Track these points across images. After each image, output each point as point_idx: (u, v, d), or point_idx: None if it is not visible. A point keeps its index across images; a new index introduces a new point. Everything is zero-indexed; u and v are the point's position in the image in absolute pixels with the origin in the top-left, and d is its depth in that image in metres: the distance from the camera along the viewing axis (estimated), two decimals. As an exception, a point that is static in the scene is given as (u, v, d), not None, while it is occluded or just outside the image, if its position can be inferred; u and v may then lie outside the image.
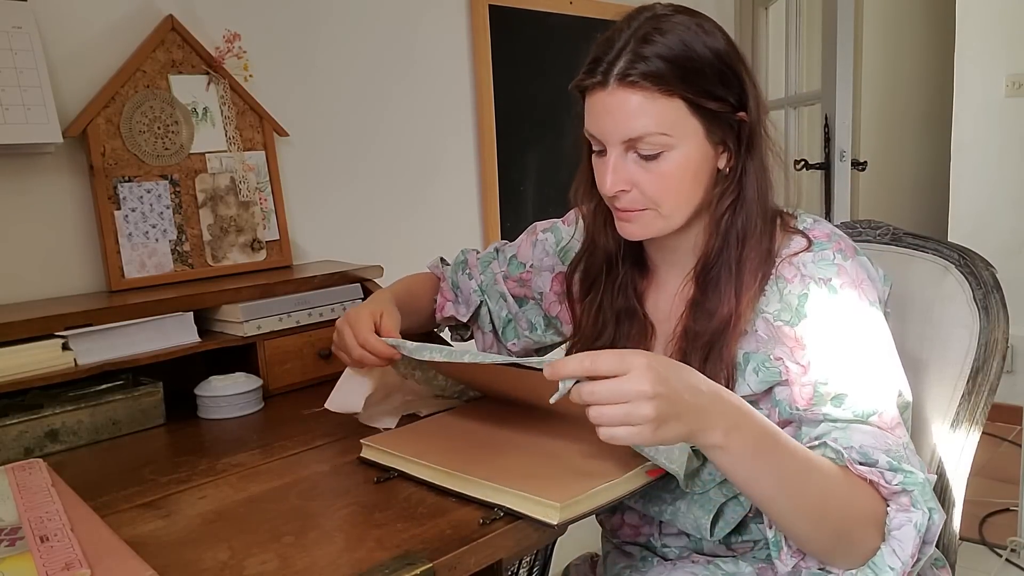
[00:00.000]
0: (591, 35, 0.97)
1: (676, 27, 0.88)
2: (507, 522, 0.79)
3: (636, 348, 0.96)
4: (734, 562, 0.98)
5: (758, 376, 0.91)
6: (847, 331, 0.87)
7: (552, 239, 1.18)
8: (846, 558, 0.80)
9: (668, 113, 0.87)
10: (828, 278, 0.89)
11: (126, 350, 1.17)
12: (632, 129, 0.87)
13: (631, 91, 0.87)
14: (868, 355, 0.87)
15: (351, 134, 1.75)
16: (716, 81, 0.88)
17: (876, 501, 0.80)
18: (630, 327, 1.02)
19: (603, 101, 0.89)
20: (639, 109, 0.87)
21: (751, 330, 0.93)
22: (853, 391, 0.86)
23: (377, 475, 0.92)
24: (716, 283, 0.93)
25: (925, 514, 0.78)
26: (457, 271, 1.26)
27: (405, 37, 1.82)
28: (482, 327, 1.24)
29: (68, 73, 1.33)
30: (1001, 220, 3.35)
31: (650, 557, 1.06)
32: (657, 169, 0.89)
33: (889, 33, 3.97)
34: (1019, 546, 2.35)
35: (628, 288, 1.03)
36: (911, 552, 0.78)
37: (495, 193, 2.01)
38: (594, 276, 1.05)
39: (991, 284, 1.10)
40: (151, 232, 1.39)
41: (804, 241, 0.93)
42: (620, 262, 1.03)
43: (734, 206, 0.93)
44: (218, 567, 0.74)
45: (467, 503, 0.84)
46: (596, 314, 1.04)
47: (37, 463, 0.92)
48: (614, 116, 0.88)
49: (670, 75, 0.86)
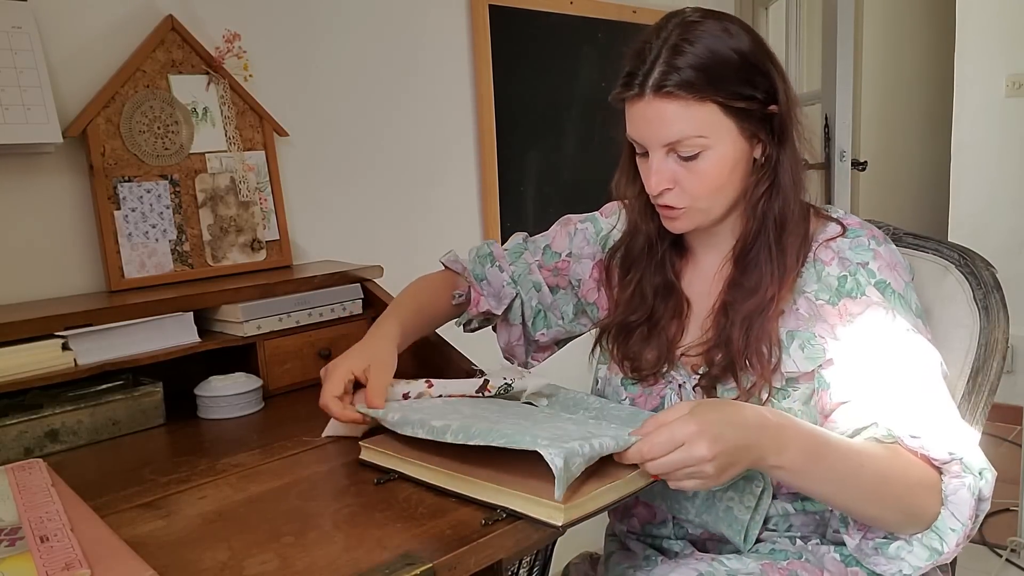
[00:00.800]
0: (591, 35, 0.99)
1: (703, 35, 0.93)
2: (508, 523, 0.79)
3: (672, 322, 1.06)
4: (738, 559, 0.98)
5: (803, 353, 0.97)
6: (887, 310, 0.94)
7: (592, 229, 1.21)
8: (913, 526, 0.89)
9: (703, 117, 0.93)
10: (865, 262, 0.96)
11: (126, 350, 1.17)
12: (670, 135, 0.94)
13: (666, 101, 0.93)
14: (909, 330, 0.93)
15: (351, 134, 1.75)
16: (744, 81, 0.94)
17: (930, 472, 0.89)
18: (666, 301, 1.08)
19: (642, 111, 0.95)
20: (675, 116, 0.93)
21: (791, 308, 0.98)
22: (900, 366, 0.92)
23: (377, 476, 0.92)
24: (756, 263, 0.99)
25: (977, 478, 0.87)
26: (484, 264, 1.24)
27: (405, 37, 1.82)
28: (511, 320, 1.24)
29: (68, 73, 1.33)
30: (1001, 220, 3.35)
31: (654, 556, 1.06)
32: (696, 168, 0.95)
33: (889, 33, 3.97)
34: (1019, 546, 2.35)
35: (666, 266, 1.09)
36: (968, 514, 0.87)
37: (495, 193, 2.01)
38: (634, 257, 1.10)
39: (991, 284, 1.10)
40: (151, 232, 1.39)
41: (838, 227, 1.00)
42: (659, 244, 1.08)
43: (770, 192, 0.98)
44: (218, 567, 0.74)
45: (468, 504, 0.83)
46: (634, 291, 1.09)
47: (37, 463, 0.92)
48: (653, 124, 0.95)
49: (701, 82, 0.92)
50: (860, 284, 0.95)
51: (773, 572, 0.95)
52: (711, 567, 0.96)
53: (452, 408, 0.98)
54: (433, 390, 1.07)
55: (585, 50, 2.17)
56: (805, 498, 1.01)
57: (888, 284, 0.95)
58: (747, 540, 0.99)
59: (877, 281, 0.95)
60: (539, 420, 0.93)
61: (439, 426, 0.87)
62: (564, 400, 1.08)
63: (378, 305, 1.43)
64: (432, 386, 1.08)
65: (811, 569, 0.96)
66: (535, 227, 1.31)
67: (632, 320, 1.08)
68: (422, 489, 0.88)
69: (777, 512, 1.02)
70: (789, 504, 1.02)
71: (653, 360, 1.06)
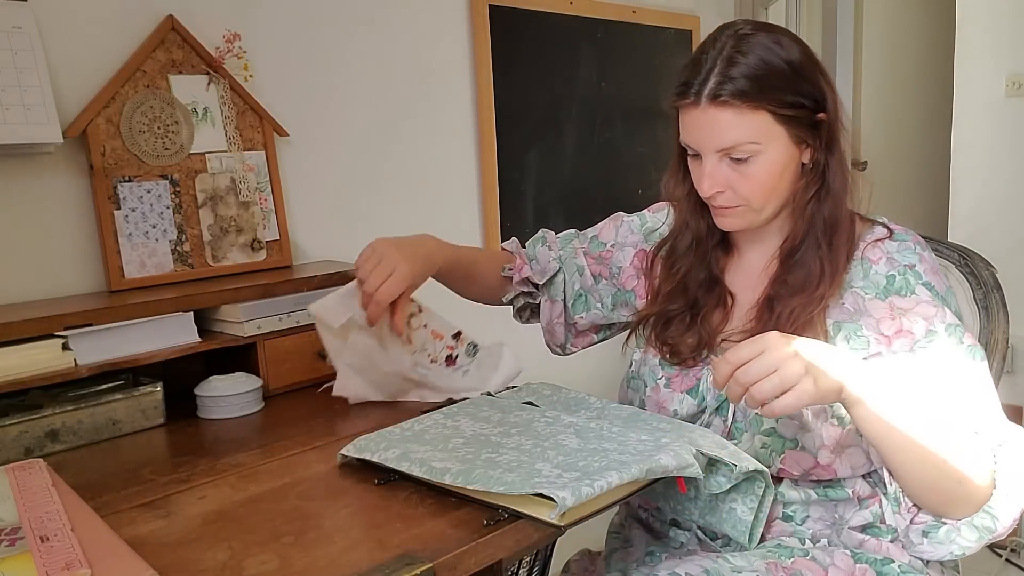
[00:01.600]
0: (591, 35, 1.00)
1: (756, 47, 0.98)
2: (509, 522, 0.79)
3: (715, 311, 1.11)
4: (743, 555, 0.98)
5: (848, 344, 1.00)
6: (937, 307, 0.98)
7: (638, 221, 1.26)
8: (965, 507, 0.90)
9: (756, 124, 0.98)
10: (912, 264, 1.01)
11: (126, 350, 1.17)
12: (725, 140, 0.99)
13: (722, 109, 0.97)
14: (959, 325, 0.97)
15: (351, 134, 1.75)
16: (794, 90, 0.99)
17: (984, 452, 0.91)
18: (709, 295, 1.11)
19: (697, 118, 1.00)
20: (729, 124, 0.98)
21: (837, 303, 1.02)
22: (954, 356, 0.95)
23: (378, 477, 0.92)
24: (803, 263, 1.04)
25: None
26: (536, 244, 1.30)
27: (405, 37, 1.82)
28: (553, 296, 1.27)
29: (68, 73, 1.33)
30: (1001, 220, 3.34)
31: (656, 552, 1.06)
32: (748, 171, 1.00)
33: (889, 33, 3.97)
34: (1019, 546, 2.35)
35: (711, 262, 1.13)
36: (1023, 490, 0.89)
37: (495, 193, 2.01)
38: (680, 253, 1.15)
39: (991, 284, 1.10)
40: (151, 232, 1.39)
41: (884, 231, 1.05)
42: (707, 240, 1.13)
43: (818, 195, 1.03)
44: (218, 567, 0.74)
45: (468, 503, 0.83)
46: (678, 284, 1.13)
47: (37, 463, 0.92)
48: (708, 130, 0.99)
49: (754, 91, 0.97)
50: (910, 283, 1.00)
51: (777, 571, 0.94)
52: (715, 564, 0.96)
53: (453, 428, 0.98)
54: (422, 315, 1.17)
55: (585, 50, 2.17)
56: (828, 485, 1.02)
57: (933, 287, 0.99)
58: (751, 540, 0.99)
59: (924, 282, 0.99)
60: (541, 437, 0.92)
61: (439, 467, 0.86)
62: (565, 400, 1.08)
63: (378, 305, 1.43)
64: (423, 311, 1.18)
65: (816, 569, 0.96)
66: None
67: (672, 309, 1.12)
68: (423, 489, 0.88)
69: (799, 498, 1.02)
70: (813, 490, 1.02)
71: (693, 344, 1.09)
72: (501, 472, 0.82)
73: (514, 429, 0.96)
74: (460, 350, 1.22)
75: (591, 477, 0.79)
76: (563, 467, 0.82)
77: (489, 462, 0.86)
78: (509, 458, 0.86)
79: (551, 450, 0.88)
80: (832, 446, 0.99)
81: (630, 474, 0.80)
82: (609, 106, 2.23)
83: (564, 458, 0.85)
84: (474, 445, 0.92)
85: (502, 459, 0.86)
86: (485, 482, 0.81)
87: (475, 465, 0.85)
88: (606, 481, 0.78)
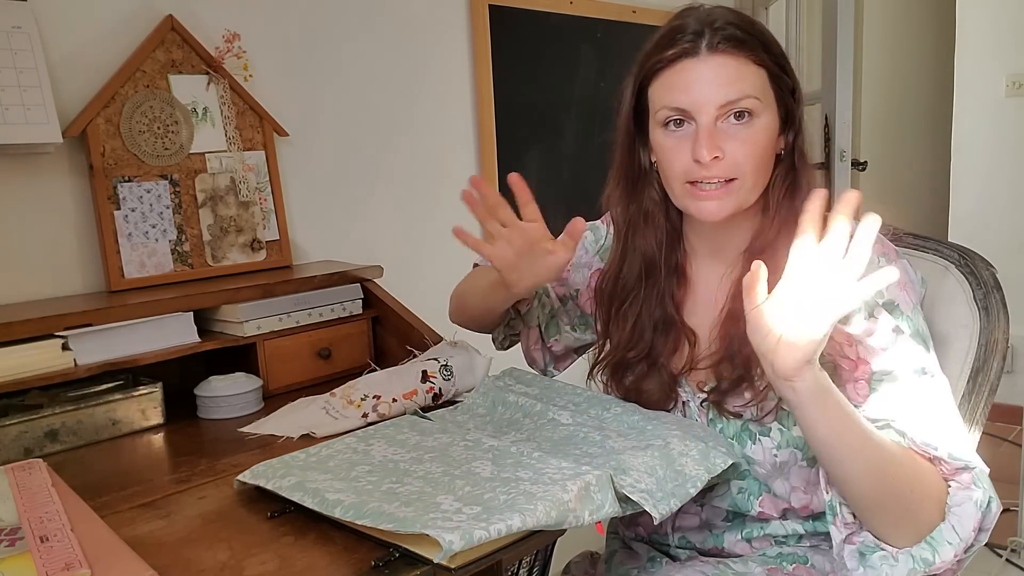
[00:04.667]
0: (591, 35, 0.98)
1: (735, 11, 0.94)
2: (401, 561, 0.73)
3: (676, 358, 1.01)
4: (743, 562, 0.98)
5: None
6: (896, 330, 0.89)
7: (591, 237, 1.17)
8: (908, 533, 0.83)
9: (758, 79, 0.92)
10: None
11: (126, 350, 1.17)
12: (730, 93, 0.90)
13: (727, 56, 0.90)
14: (918, 345, 0.89)
15: (351, 134, 1.75)
16: (783, 64, 0.94)
17: (938, 480, 0.84)
18: (667, 336, 1.03)
19: (696, 69, 0.91)
20: (737, 73, 0.90)
21: None
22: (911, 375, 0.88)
23: (271, 509, 0.84)
24: (774, 258, 0.94)
25: (986, 492, 0.82)
26: None
27: (405, 37, 1.82)
28: (528, 323, 1.20)
29: (68, 73, 1.33)
30: (1001, 220, 3.35)
31: (658, 558, 1.06)
32: (746, 133, 0.92)
33: (889, 33, 3.97)
34: (1019, 546, 2.35)
35: (666, 298, 1.03)
36: (971, 528, 0.81)
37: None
38: (631, 286, 1.05)
39: (991, 284, 1.10)
40: (151, 232, 1.39)
41: None
42: (661, 267, 1.03)
43: (791, 189, 0.96)
44: (218, 567, 0.74)
45: (366, 540, 0.77)
46: (633, 327, 1.04)
47: (37, 463, 0.92)
48: (712, 82, 0.91)
49: (755, 44, 0.91)
50: (867, 304, 0.89)
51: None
52: (717, 570, 0.96)
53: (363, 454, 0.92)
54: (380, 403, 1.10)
55: (585, 50, 2.17)
56: (816, 518, 1.00)
57: (896, 305, 0.91)
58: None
59: (886, 301, 0.90)
60: (454, 463, 0.87)
61: (332, 499, 0.79)
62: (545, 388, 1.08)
63: (378, 305, 1.43)
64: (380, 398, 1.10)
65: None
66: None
67: (631, 356, 1.04)
68: (319, 523, 0.81)
69: (787, 532, 1.00)
70: (799, 524, 1.00)
71: (657, 391, 1.02)
72: (397, 506, 0.76)
73: (428, 455, 0.90)
74: (438, 381, 1.18)
75: (490, 517, 0.73)
76: (465, 500, 0.77)
77: (388, 493, 0.80)
78: (411, 489, 0.81)
79: (460, 479, 0.82)
80: (803, 486, 0.97)
81: (534, 519, 0.73)
82: (609, 106, 2.22)
83: (471, 489, 0.80)
84: (378, 473, 0.86)
85: (403, 490, 0.81)
86: (375, 518, 0.74)
87: (372, 497, 0.79)
88: (505, 525, 0.71)
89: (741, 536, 1.01)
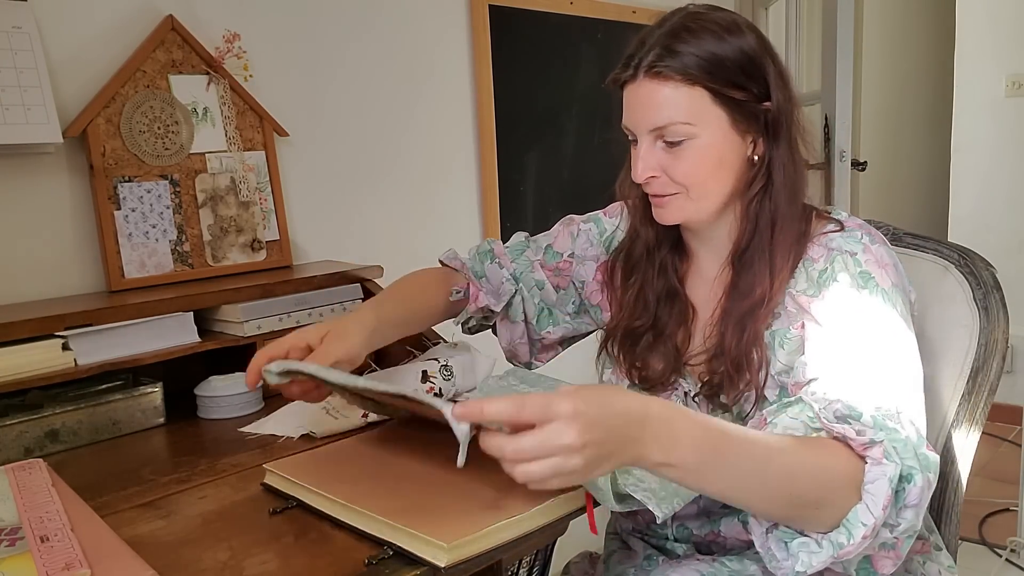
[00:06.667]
0: (591, 35, 0.99)
1: (707, 24, 0.94)
2: (401, 561, 0.73)
3: (679, 329, 1.04)
4: (739, 560, 0.98)
5: (784, 349, 0.95)
6: (859, 290, 0.90)
7: (595, 229, 1.20)
8: (825, 523, 0.78)
9: (691, 103, 0.92)
10: (854, 252, 0.93)
11: (126, 350, 1.17)
12: (658, 119, 0.94)
13: (656, 82, 0.93)
14: (881, 311, 0.89)
15: (351, 134, 1.75)
16: (741, 73, 0.93)
17: (852, 461, 0.78)
18: (670, 308, 1.06)
19: (634, 93, 0.96)
20: (664, 100, 0.93)
21: (784, 310, 0.96)
22: (840, 343, 0.88)
23: (273, 506, 0.86)
24: (750, 266, 0.97)
25: (897, 466, 0.76)
26: (484, 260, 1.21)
27: (405, 37, 1.82)
28: (512, 318, 1.20)
29: (68, 73, 1.33)
30: (1001, 220, 3.35)
31: (655, 556, 1.06)
32: (682, 155, 0.94)
33: (889, 33, 3.97)
34: (1019, 546, 2.35)
35: (669, 270, 1.07)
36: (883, 505, 0.76)
37: (495, 193, 2.01)
38: (635, 261, 1.09)
39: (991, 284, 1.10)
40: (151, 232, 1.39)
41: (837, 226, 0.98)
42: (659, 250, 1.07)
43: (763, 192, 0.97)
44: (218, 567, 0.74)
45: (363, 539, 0.78)
46: (637, 297, 1.08)
47: (37, 463, 0.92)
48: (643, 106, 0.95)
49: (694, 67, 0.91)
50: (835, 271, 0.92)
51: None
52: (712, 568, 0.96)
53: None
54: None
55: (585, 50, 2.17)
56: None
57: (872, 277, 0.90)
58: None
59: (861, 271, 0.91)
60: None
61: (353, 375, 0.84)
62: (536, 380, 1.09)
63: (378, 305, 1.43)
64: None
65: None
66: (535, 227, 1.31)
67: (637, 325, 1.07)
68: (316, 520, 0.82)
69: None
70: None
71: (661, 370, 1.04)
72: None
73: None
74: (438, 381, 1.18)
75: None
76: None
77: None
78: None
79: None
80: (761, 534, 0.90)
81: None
82: (609, 106, 2.22)
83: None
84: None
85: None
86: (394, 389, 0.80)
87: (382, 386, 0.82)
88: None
89: (738, 519, 1.01)
